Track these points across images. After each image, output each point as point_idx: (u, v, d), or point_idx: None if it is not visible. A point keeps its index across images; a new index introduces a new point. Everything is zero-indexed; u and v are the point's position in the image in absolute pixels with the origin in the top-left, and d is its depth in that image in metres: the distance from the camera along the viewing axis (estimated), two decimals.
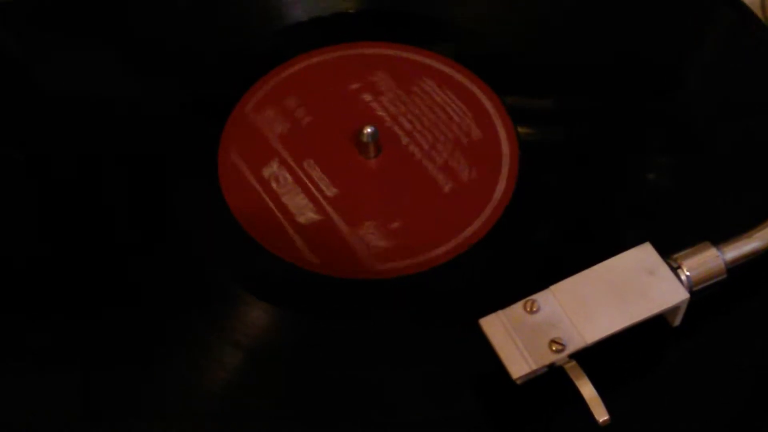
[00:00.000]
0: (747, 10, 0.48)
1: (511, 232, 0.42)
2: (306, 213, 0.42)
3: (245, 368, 0.38)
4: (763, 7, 0.50)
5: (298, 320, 0.39)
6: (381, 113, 0.46)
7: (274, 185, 0.43)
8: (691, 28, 0.49)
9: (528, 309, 0.35)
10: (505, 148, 0.44)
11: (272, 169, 0.44)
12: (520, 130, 0.45)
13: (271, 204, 0.43)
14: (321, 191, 0.43)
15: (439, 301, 0.40)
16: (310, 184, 0.43)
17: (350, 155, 0.44)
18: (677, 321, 0.36)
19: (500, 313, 0.35)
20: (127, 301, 0.40)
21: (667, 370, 0.37)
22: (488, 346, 0.35)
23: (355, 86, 0.47)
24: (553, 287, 0.36)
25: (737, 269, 0.37)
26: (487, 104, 0.46)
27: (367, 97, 0.46)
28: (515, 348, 0.34)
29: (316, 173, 0.44)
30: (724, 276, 0.37)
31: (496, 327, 0.35)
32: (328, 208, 0.42)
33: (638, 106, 0.46)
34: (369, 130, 0.43)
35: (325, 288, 0.40)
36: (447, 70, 0.47)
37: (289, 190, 0.43)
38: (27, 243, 0.42)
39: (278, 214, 0.42)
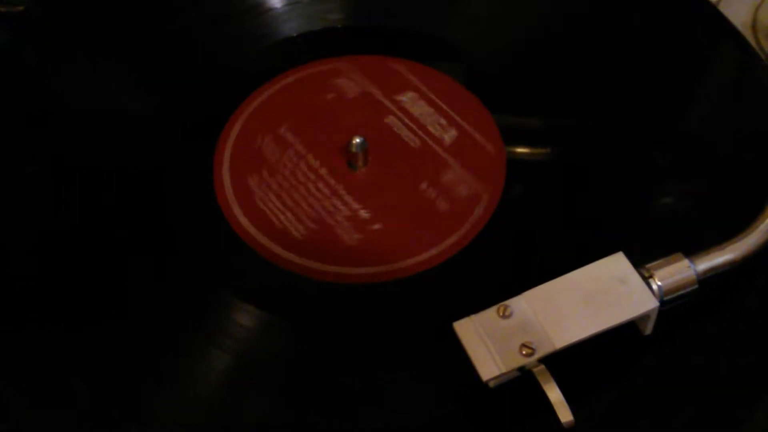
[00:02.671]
0: (736, 31, 0.49)
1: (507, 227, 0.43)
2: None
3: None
4: (754, 29, 0.51)
5: (319, 330, 0.40)
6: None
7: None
8: (685, 57, 0.49)
9: (501, 314, 0.36)
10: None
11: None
12: (510, 148, 0.46)
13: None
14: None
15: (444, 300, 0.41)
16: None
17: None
18: (648, 329, 0.37)
19: (473, 317, 0.36)
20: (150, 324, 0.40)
21: (638, 378, 0.37)
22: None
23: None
24: (525, 293, 0.37)
25: (711, 280, 0.38)
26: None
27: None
28: (486, 351, 0.35)
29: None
30: (696, 287, 0.37)
31: (469, 331, 0.36)
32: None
33: (621, 119, 0.47)
34: (357, 140, 0.44)
35: (338, 295, 0.41)
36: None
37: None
38: (27, 249, 0.42)
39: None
